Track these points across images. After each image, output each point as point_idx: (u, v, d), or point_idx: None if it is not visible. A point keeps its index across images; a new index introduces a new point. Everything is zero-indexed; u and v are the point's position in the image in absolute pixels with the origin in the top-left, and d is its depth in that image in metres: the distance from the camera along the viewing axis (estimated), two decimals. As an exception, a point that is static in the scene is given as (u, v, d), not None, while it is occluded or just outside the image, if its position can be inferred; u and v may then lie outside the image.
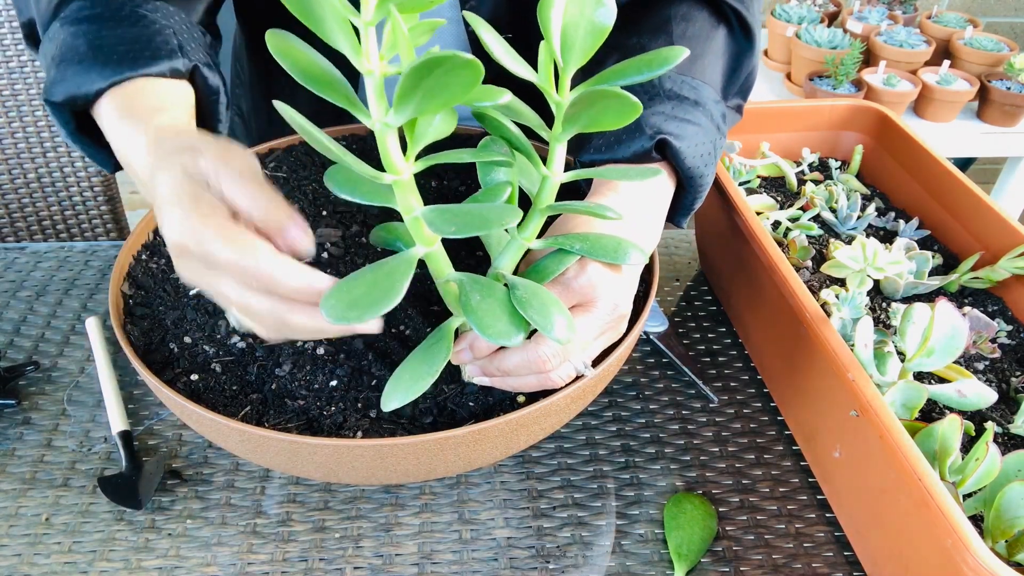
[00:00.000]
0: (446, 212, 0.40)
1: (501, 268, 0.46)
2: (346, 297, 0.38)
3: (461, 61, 0.32)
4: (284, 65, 0.37)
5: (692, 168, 0.54)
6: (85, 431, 0.62)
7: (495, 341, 0.40)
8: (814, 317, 0.53)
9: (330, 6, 0.33)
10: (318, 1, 0.33)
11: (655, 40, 0.59)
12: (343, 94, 0.38)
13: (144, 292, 0.56)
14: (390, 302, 0.38)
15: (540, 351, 0.44)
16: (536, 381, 0.46)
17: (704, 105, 0.56)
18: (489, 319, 0.40)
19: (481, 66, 0.33)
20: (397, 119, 0.37)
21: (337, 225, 0.61)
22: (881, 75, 1.64)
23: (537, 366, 0.44)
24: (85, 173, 1.06)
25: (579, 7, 0.39)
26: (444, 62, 0.32)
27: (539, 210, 0.45)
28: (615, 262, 0.45)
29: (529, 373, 0.45)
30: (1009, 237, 0.63)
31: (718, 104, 0.58)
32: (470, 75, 0.33)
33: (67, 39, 0.53)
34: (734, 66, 0.61)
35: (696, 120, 0.55)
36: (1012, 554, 0.46)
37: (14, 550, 0.54)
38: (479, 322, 0.40)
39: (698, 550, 0.54)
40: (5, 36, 1.00)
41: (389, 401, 0.42)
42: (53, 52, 0.53)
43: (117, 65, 0.51)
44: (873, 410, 0.47)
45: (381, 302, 0.37)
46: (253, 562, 0.54)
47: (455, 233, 0.38)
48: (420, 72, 0.33)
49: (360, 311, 0.37)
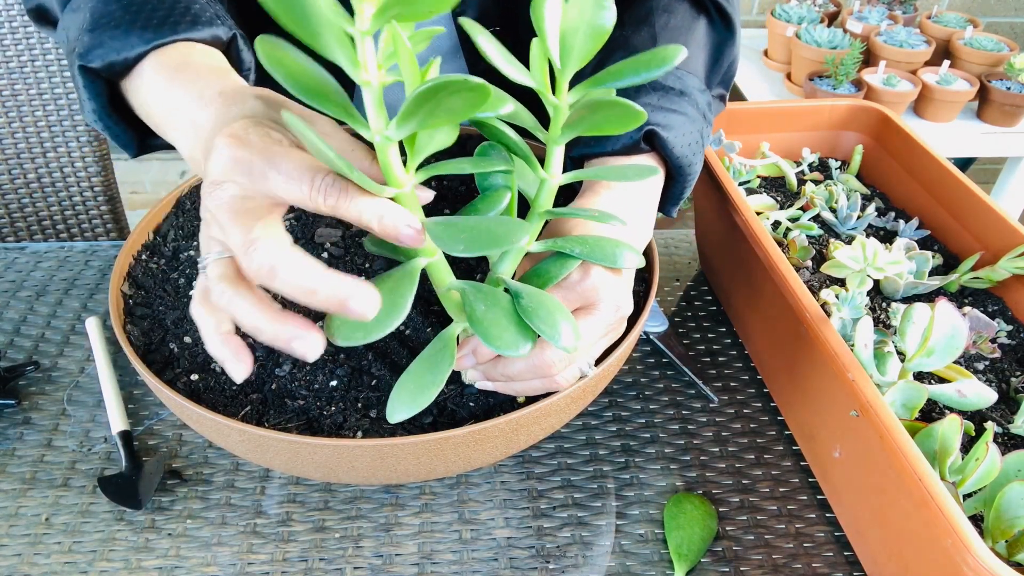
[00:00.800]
0: (452, 227, 0.39)
1: (501, 273, 0.46)
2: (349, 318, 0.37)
3: (470, 85, 0.32)
4: (275, 75, 0.35)
5: (681, 158, 0.54)
6: (85, 431, 0.62)
7: (503, 352, 0.40)
8: (814, 317, 0.53)
9: (325, 18, 0.32)
10: (312, 12, 0.32)
11: (638, 32, 0.59)
12: (340, 105, 0.36)
13: (144, 292, 0.56)
14: (396, 320, 0.37)
15: (546, 356, 0.43)
16: (541, 384, 0.46)
17: (690, 95, 0.56)
18: (496, 330, 0.40)
19: (489, 89, 0.32)
20: (399, 133, 0.36)
21: (337, 225, 0.61)
22: (881, 75, 1.64)
23: (543, 371, 0.44)
24: (85, 173, 1.06)
25: (579, 9, 0.38)
26: (452, 85, 0.32)
27: (538, 214, 0.45)
28: (614, 266, 0.45)
29: (534, 377, 0.45)
30: (1009, 237, 0.63)
31: (703, 93, 0.58)
32: (478, 98, 0.33)
33: (98, 6, 0.50)
34: (716, 56, 0.62)
35: (683, 110, 0.55)
36: (1012, 554, 0.46)
37: (14, 550, 0.54)
38: (485, 333, 0.40)
39: (698, 550, 0.54)
40: (5, 36, 0.99)
41: (395, 413, 0.41)
42: (82, 21, 0.51)
43: (158, 28, 0.48)
44: (873, 410, 0.47)
45: (386, 321, 0.37)
46: (253, 562, 0.54)
47: (464, 252, 0.37)
48: (427, 95, 0.32)
49: (365, 331, 0.37)
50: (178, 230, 0.61)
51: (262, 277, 0.37)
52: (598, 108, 0.38)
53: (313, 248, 0.59)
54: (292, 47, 0.36)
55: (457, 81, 0.31)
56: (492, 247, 0.38)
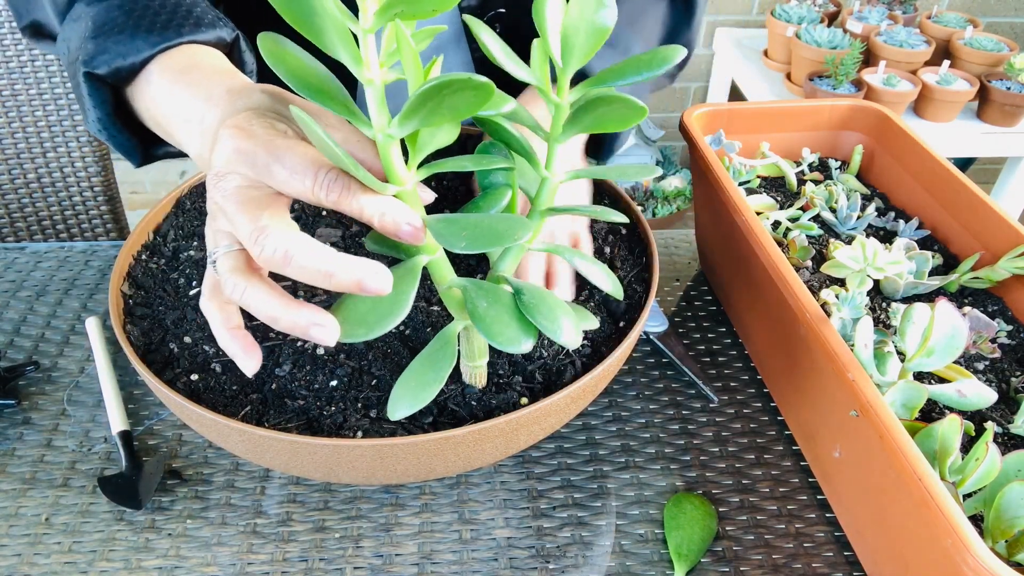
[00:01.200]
0: (453, 224, 0.39)
1: (502, 271, 0.46)
2: (352, 315, 0.37)
3: (474, 84, 0.32)
4: (278, 72, 0.36)
5: None
6: (85, 431, 0.62)
7: (505, 348, 0.40)
8: (814, 317, 0.53)
9: (329, 15, 0.32)
10: (316, 10, 0.32)
11: None
12: (341, 102, 0.37)
13: (144, 292, 0.56)
14: (397, 316, 0.38)
15: None
16: None
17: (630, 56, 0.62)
18: (498, 326, 0.40)
19: (492, 88, 0.32)
20: (401, 131, 0.36)
21: (337, 225, 0.61)
22: (881, 75, 1.64)
23: None
24: (85, 173, 1.07)
25: (580, 8, 0.39)
26: (455, 84, 0.32)
27: (539, 212, 0.45)
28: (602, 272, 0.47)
29: None
30: (1009, 237, 0.63)
31: None
32: (481, 96, 0.33)
33: (100, 13, 0.50)
34: (671, 36, 0.70)
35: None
36: (1012, 554, 0.46)
37: (14, 550, 0.54)
38: (488, 330, 0.40)
39: (698, 550, 0.54)
40: (5, 36, 1.00)
41: (396, 410, 0.41)
42: (84, 29, 0.51)
43: (163, 31, 0.49)
44: (873, 410, 0.47)
45: (389, 317, 0.37)
46: (253, 562, 0.54)
47: (465, 248, 0.37)
48: (430, 93, 0.32)
49: (368, 327, 0.37)
50: (178, 230, 0.61)
51: (276, 263, 0.36)
52: (600, 104, 0.38)
53: (313, 248, 0.59)
54: (294, 45, 0.36)
55: (461, 79, 0.31)
56: (494, 244, 0.38)
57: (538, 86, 0.41)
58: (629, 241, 0.63)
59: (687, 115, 0.73)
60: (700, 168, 0.70)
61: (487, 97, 0.33)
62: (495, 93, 0.34)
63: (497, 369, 0.51)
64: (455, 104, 0.33)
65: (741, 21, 2.09)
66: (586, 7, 0.39)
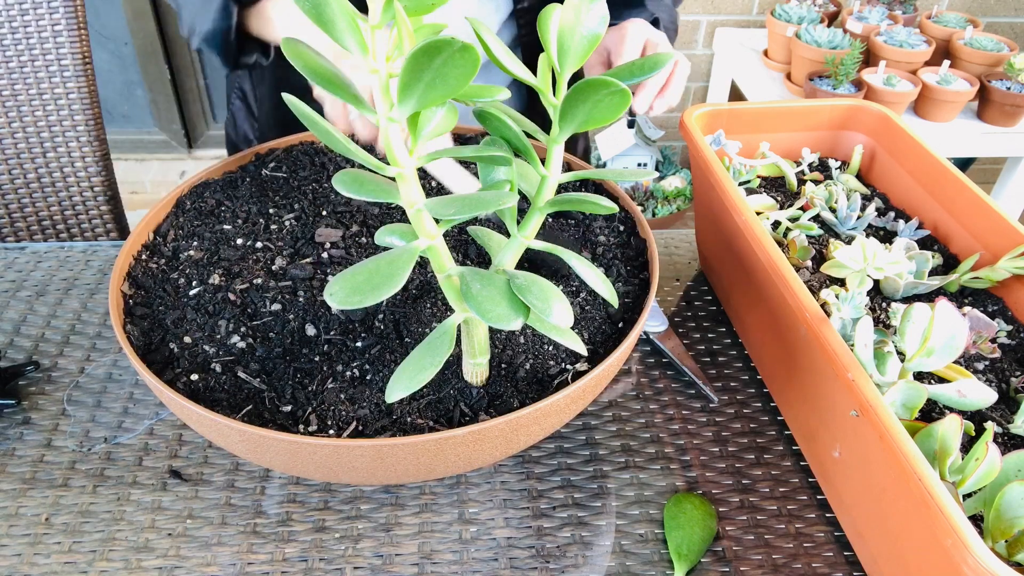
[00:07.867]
0: (446, 201, 0.42)
1: (503, 265, 0.47)
2: (349, 284, 0.40)
3: (459, 45, 0.34)
4: (298, 67, 0.40)
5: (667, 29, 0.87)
6: (85, 431, 0.62)
7: (495, 325, 0.41)
8: (814, 317, 0.53)
9: (341, 10, 0.36)
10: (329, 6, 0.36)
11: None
12: (350, 93, 0.40)
13: (144, 292, 0.56)
14: (390, 288, 0.40)
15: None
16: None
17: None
18: (489, 304, 0.41)
19: (476, 52, 0.34)
20: (402, 113, 0.38)
21: (337, 225, 0.62)
22: (881, 75, 1.64)
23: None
24: (85, 173, 1.06)
25: (575, 14, 0.41)
26: (442, 48, 0.34)
27: (538, 209, 0.46)
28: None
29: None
30: (1009, 237, 0.63)
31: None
32: (469, 61, 0.35)
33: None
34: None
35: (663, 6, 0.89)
36: (1012, 554, 0.46)
37: (14, 550, 0.54)
38: (479, 307, 0.41)
39: (698, 550, 0.54)
40: (5, 36, 0.99)
41: (393, 392, 0.42)
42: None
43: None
44: (873, 410, 0.47)
45: (382, 288, 0.39)
46: (253, 562, 0.54)
47: (454, 215, 0.40)
48: (420, 60, 0.35)
49: (362, 296, 0.39)
50: (178, 230, 0.61)
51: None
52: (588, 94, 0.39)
53: (313, 248, 0.59)
54: (309, 46, 0.41)
55: (446, 41, 0.34)
56: (479, 209, 0.40)
57: (538, 86, 0.42)
58: (629, 241, 0.63)
59: (687, 115, 0.73)
60: (700, 168, 0.71)
61: (473, 61, 0.35)
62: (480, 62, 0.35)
63: (498, 368, 0.51)
64: (446, 73, 0.35)
65: (741, 21, 2.09)
66: (580, 12, 0.41)
